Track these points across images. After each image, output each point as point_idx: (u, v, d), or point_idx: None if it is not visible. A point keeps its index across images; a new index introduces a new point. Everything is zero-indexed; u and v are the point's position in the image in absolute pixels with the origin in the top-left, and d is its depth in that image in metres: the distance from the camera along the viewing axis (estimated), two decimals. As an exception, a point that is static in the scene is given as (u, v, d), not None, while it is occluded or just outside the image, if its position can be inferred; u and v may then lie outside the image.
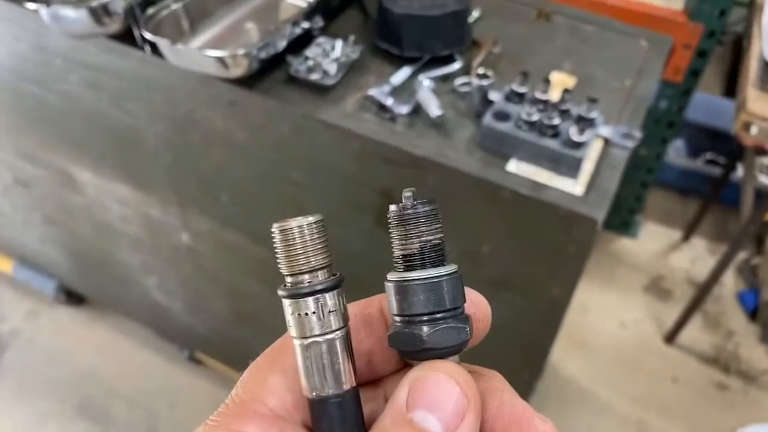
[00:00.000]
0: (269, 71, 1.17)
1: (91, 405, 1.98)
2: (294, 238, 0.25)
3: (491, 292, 1.17)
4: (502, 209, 1.05)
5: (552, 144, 1.02)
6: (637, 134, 1.10)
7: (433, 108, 1.08)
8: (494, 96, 1.11)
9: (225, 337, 1.82)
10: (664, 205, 2.67)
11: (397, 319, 0.26)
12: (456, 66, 1.21)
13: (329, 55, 1.16)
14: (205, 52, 1.04)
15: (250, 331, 1.69)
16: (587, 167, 1.05)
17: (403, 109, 1.10)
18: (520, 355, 1.25)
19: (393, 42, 1.20)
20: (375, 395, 0.27)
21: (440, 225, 0.27)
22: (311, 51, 1.17)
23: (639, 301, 2.37)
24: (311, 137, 1.15)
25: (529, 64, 1.24)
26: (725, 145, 2.53)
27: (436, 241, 0.27)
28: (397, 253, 0.27)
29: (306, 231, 0.26)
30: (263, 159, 1.24)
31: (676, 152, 2.67)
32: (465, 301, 0.27)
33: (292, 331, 0.26)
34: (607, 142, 1.09)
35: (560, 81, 1.21)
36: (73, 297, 2.17)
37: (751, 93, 1.53)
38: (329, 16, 1.29)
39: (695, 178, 2.59)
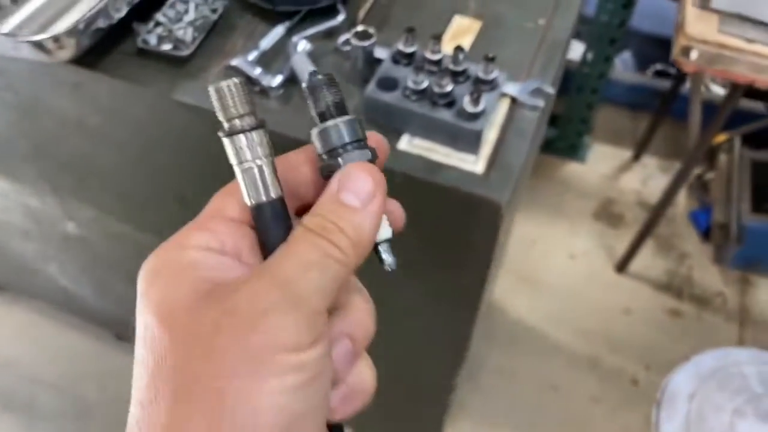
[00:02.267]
0: (116, 42, 0.97)
1: (14, 397, 1.86)
2: (225, 94, 0.33)
3: (394, 281, 1.04)
4: (395, 195, 0.90)
5: (445, 116, 0.86)
6: (549, 89, 0.94)
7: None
8: (381, 54, 0.94)
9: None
10: (613, 123, 2.53)
11: (324, 156, 0.36)
12: (340, 18, 1.02)
13: (183, 18, 0.96)
14: (16, 38, 0.85)
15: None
16: (491, 136, 0.89)
17: (274, 81, 0.93)
18: (441, 346, 1.14)
19: (263, -3, 1.01)
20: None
21: (338, 88, 0.37)
22: (162, 14, 0.97)
23: (589, 230, 2.27)
24: (169, 120, 0.97)
25: (427, 10, 1.05)
26: (674, 55, 2.37)
27: (338, 99, 0.36)
28: (313, 113, 0.36)
29: (233, 88, 0.33)
30: (125, 144, 1.06)
31: (623, 65, 2.50)
32: (366, 138, 0.36)
33: (232, 159, 0.34)
34: (514, 101, 0.93)
35: (462, 28, 1.03)
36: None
37: (691, 12, 1.36)
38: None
39: (644, 92, 2.44)
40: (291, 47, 0.96)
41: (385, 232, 0.36)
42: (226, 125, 0.34)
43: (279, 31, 0.99)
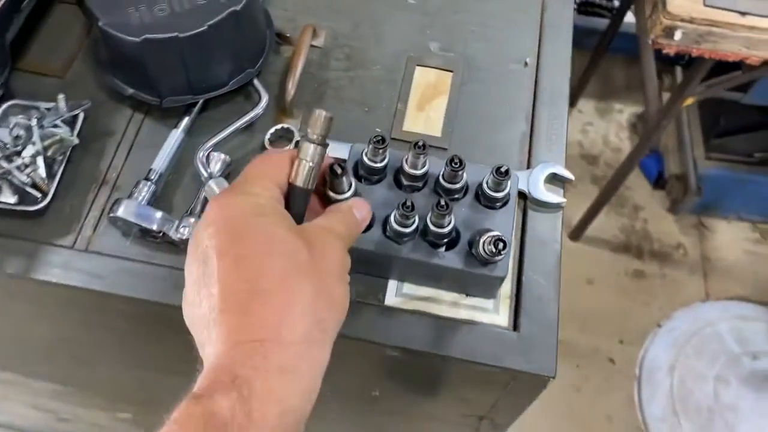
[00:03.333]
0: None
1: None
2: (317, 119, 0.49)
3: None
4: (392, 366, 0.65)
5: (451, 261, 0.59)
6: (567, 174, 0.69)
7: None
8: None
9: None
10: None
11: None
12: (262, 104, 0.71)
13: (23, 151, 0.63)
14: None
15: None
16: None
17: (185, 231, 0.63)
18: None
19: (140, 87, 0.69)
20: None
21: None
22: (-8, 142, 0.64)
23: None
24: (45, 300, 0.66)
25: (375, 70, 0.76)
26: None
27: None
28: None
29: (323, 119, 0.49)
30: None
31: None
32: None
33: (302, 153, 0.48)
34: (523, 197, 0.68)
35: (429, 88, 0.75)
36: None
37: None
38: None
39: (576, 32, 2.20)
40: (199, 164, 0.65)
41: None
42: (311, 135, 0.49)
43: (176, 138, 0.68)
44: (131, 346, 0.76)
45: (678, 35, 1.11)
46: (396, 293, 0.63)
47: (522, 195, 0.68)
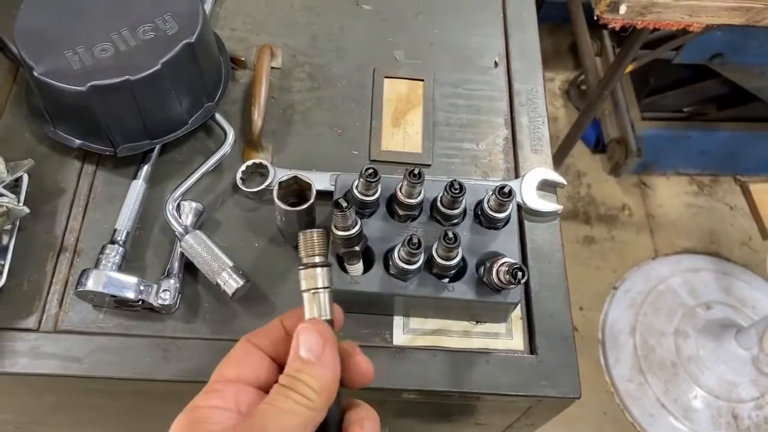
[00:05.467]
0: None
1: None
2: (309, 239, 0.43)
3: None
4: (406, 405, 0.61)
5: (463, 293, 0.56)
6: (559, 178, 0.67)
7: (226, 276, 0.56)
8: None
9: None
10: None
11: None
12: (228, 142, 0.65)
13: (-34, 226, 0.55)
14: None
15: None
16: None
17: (166, 296, 0.56)
18: None
19: (89, 137, 0.61)
20: None
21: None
22: (-76, 222, 0.55)
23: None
24: (14, 390, 0.59)
25: (342, 88, 0.71)
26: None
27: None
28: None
29: (316, 237, 0.42)
30: None
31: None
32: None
33: (303, 286, 0.42)
34: (518, 208, 0.65)
35: (401, 101, 0.70)
36: None
37: (608, -43, 1.11)
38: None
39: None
40: (170, 217, 0.59)
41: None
42: (304, 260, 0.43)
43: (137, 189, 0.61)
44: (116, 421, 0.69)
45: (623, 9, 1.10)
46: (404, 331, 0.59)
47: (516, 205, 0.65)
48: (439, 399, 0.58)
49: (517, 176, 0.67)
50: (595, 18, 1.14)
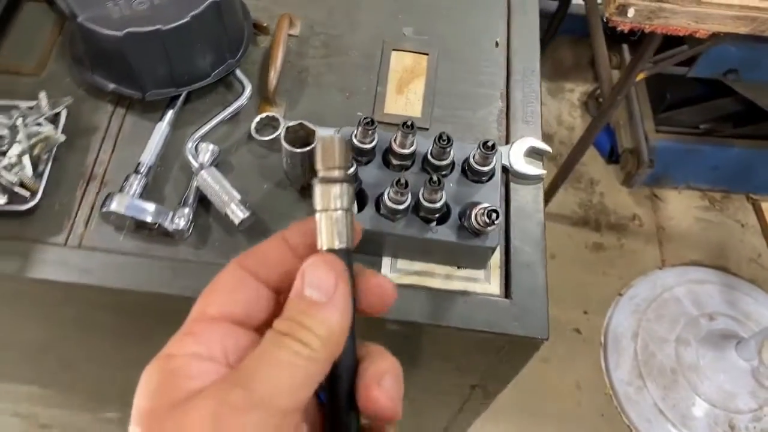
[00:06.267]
0: None
1: None
2: (330, 147, 0.34)
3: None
4: (388, 340, 0.67)
5: (445, 235, 0.62)
6: (544, 146, 0.72)
7: (234, 207, 0.63)
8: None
9: None
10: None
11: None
12: (246, 94, 0.72)
13: (11, 146, 0.63)
14: None
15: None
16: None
17: (180, 222, 0.63)
18: None
19: (122, 81, 0.69)
20: None
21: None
22: (-27, 144, 0.63)
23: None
24: (40, 299, 0.66)
25: (352, 54, 0.78)
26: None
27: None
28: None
29: (337, 143, 0.34)
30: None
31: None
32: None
33: (318, 205, 0.34)
34: (505, 170, 0.71)
35: (407, 72, 0.77)
36: None
37: (619, -39, 1.17)
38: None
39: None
40: (189, 155, 0.66)
41: None
42: (322, 173, 0.34)
43: (162, 131, 0.68)
44: (122, 345, 0.76)
45: (631, 12, 1.16)
46: (391, 269, 0.65)
47: (503, 169, 0.71)
48: (418, 332, 0.64)
49: (507, 143, 0.73)
50: (605, 20, 1.20)
